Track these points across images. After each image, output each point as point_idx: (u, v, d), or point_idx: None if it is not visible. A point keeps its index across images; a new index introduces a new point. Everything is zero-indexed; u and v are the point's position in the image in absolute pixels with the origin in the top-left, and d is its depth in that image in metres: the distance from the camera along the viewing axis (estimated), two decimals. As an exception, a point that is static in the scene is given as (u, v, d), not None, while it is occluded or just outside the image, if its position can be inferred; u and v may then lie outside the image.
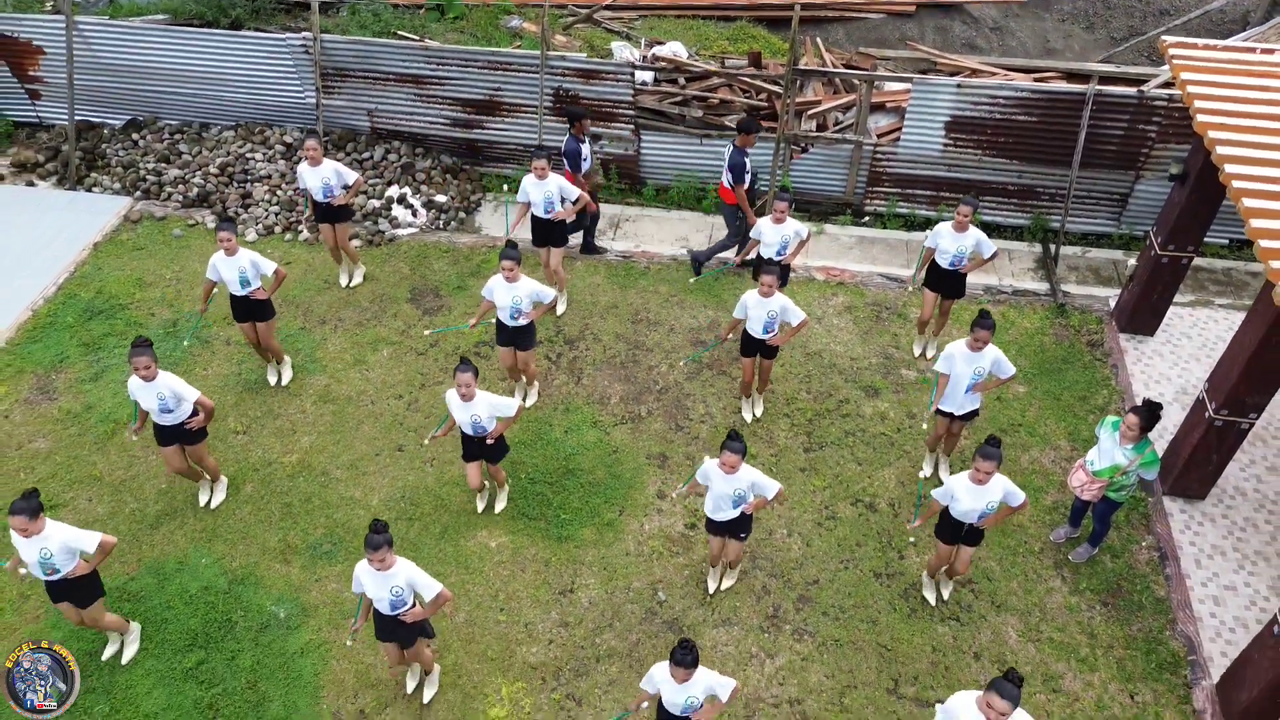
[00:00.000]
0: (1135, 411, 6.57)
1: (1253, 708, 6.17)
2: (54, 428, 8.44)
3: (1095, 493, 6.87)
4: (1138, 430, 6.56)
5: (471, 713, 6.61)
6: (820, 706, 6.65)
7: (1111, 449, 6.73)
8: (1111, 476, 6.74)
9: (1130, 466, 6.67)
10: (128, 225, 10.64)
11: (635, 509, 7.87)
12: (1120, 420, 6.75)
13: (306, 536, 7.65)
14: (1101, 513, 7.11)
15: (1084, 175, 10.08)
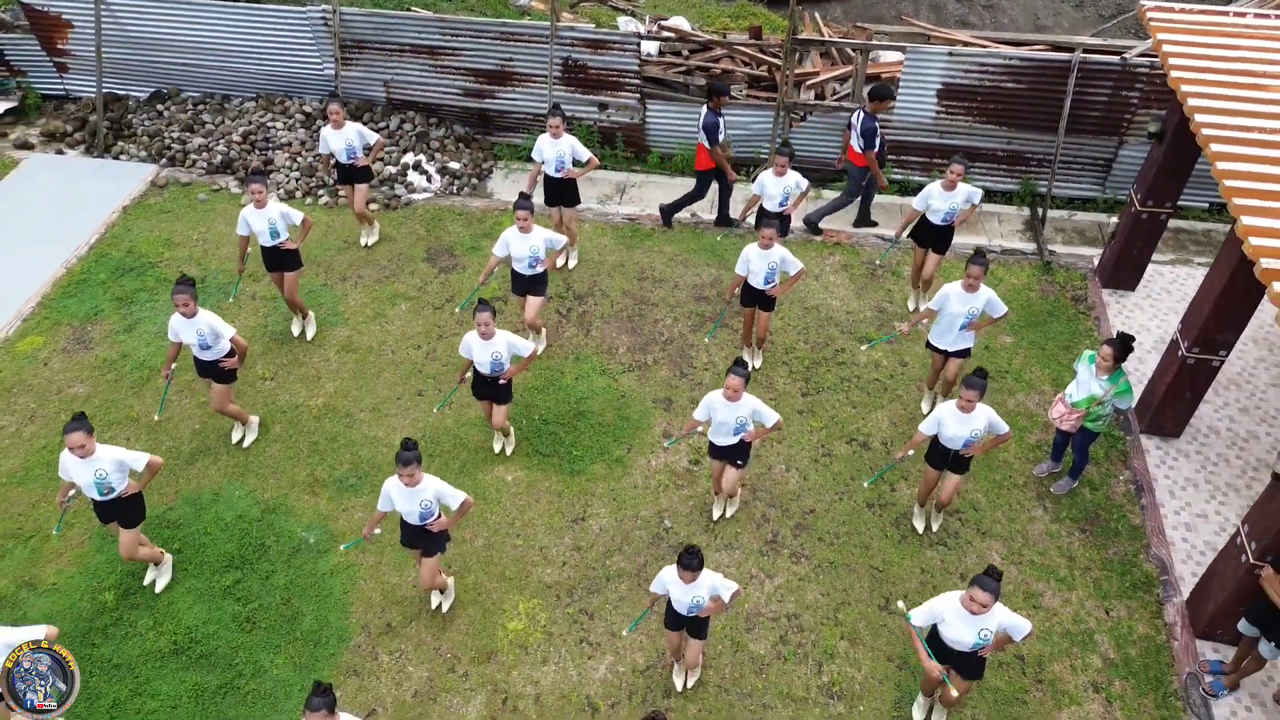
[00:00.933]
0: (1110, 343, 7.04)
1: (1217, 615, 6.66)
2: (91, 374, 8.91)
3: (1074, 423, 7.34)
4: (1112, 361, 7.03)
5: (491, 626, 7.09)
6: (816, 621, 7.13)
7: (1088, 380, 7.20)
8: (1089, 407, 7.21)
9: (1106, 396, 7.14)
10: (154, 190, 11.11)
11: (642, 447, 8.35)
12: (1096, 354, 7.22)
13: (333, 471, 8.12)
14: (1080, 443, 7.58)
15: (1070, 141, 10.55)
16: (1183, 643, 6.93)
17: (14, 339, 9.24)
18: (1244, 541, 6.34)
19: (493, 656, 6.90)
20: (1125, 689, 6.76)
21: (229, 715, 6.58)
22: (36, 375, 8.89)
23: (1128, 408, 7.36)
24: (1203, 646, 6.86)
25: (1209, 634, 6.82)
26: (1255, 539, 6.22)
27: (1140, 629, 7.10)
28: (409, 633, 7.05)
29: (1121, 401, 7.24)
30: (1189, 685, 6.72)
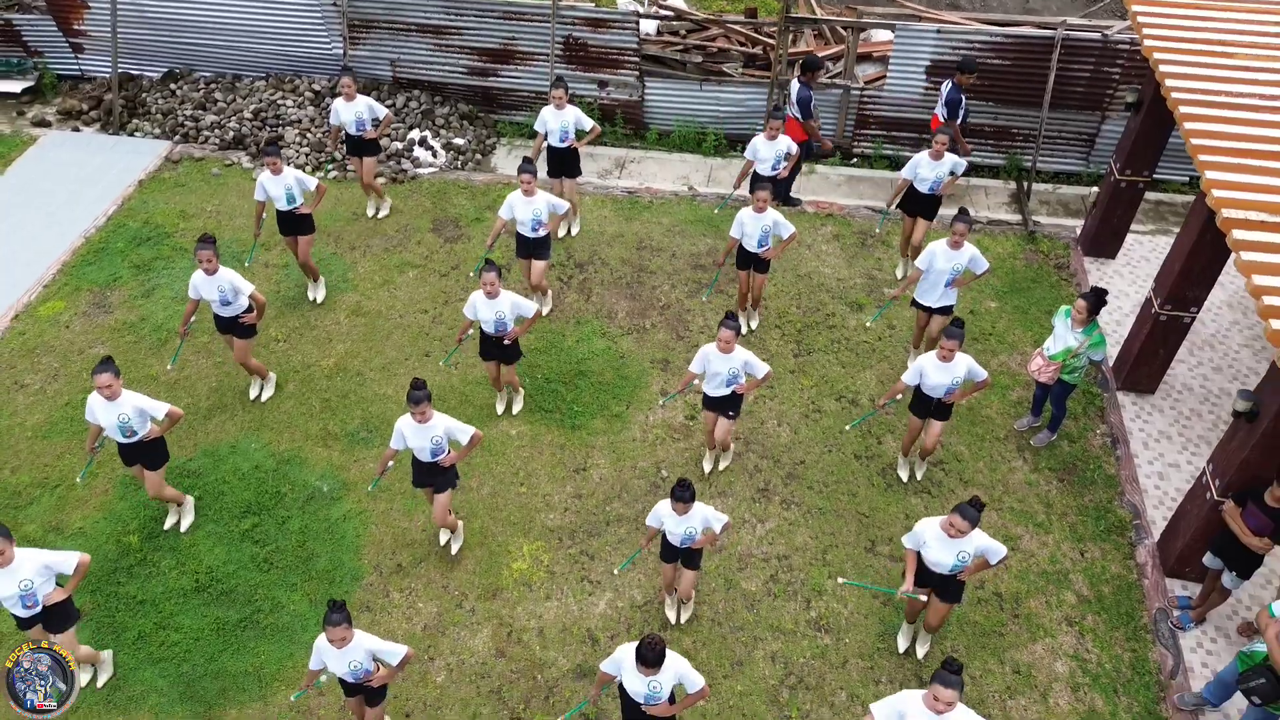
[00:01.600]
0: (1084, 297, 7.41)
1: (1185, 553, 7.03)
2: (111, 336, 9.28)
3: (1051, 374, 7.71)
4: (1086, 314, 7.40)
5: (497, 566, 7.46)
6: (805, 561, 7.51)
7: (1064, 333, 7.57)
8: (1065, 359, 7.58)
9: (1080, 348, 7.51)
10: (169, 165, 11.48)
11: (640, 404, 8.72)
12: (1071, 309, 7.59)
13: (345, 425, 8.50)
14: (1058, 395, 7.94)
15: (1054, 116, 10.91)
16: (1153, 581, 7.30)
17: (36, 304, 9.61)
18: (1209, 480, 6.71)
19: (498, 593, 7.28)
20: (1098, 623, 7.14)
21: (249, 646, 6.95)
22: (59, 337, 9.26)
23: (1100, 359, 7.72)
24: (1172, 584, 7.23)
25: (1177, 572, 7.19)
26: (1219, 477, 6.58)
27: (1113, 569, 7.48)
28: (419, 572, 7.42)
29: (1095, 353, 7.60)
30: (1158, 619, 7.09)
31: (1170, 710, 6.62)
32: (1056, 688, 6.76)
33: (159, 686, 6.72)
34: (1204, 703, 6.45)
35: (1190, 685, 6.64)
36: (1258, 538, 6.18)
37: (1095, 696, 6.71)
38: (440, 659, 6.89)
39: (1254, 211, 6.20)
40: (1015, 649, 6.96)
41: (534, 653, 6.92)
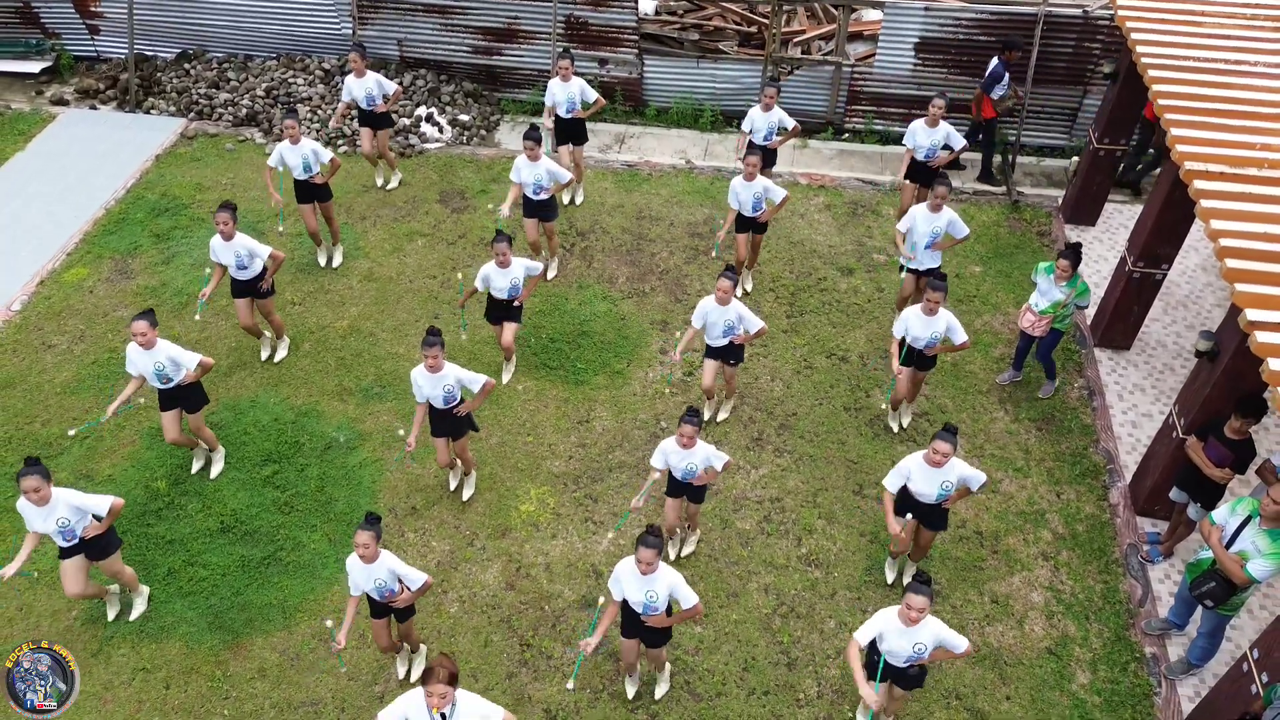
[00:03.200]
0: (1063, 255, 7.82)
1: (1153, 491, 7.47)
2: (134, 300, 9.70)
3: (1043, 328, 8.12)
4: (1069, 271, 7.81)
5: (506, 509, 7.89)
6: (796, 504, 7.94)
7: (1049, 289, 7.98)
8: (1054, 312, 8.00)
9: (1068, 299, 7.93)
10: (184, 141, 11.88)
11: (641, 362, 9.14)
12: (1053, 265, 8.00)
13: (359, 381, 8.92)
14: (1047, 345, 8.35)
15: (1037, 91, 11.34)
16: (1124, 519, 7.74)
17: (60, 270, 10.03)
18: (1175, 420, 7.15)
19: (507, 533, 7.71)
20: (1071, 558, 7.58)
21: (273, 581, 7.38)
22: (83, 301, 9.68)
23: (1086, 306, 8.14)
24: (1142, 522, 7.67)
25: (1148, 510, 7.63)
26: (1184, 416, 7.02)
27: (1087, 509, 7.92)
28: (432, 514, 7.85)
29: (1081, 301, 8.03)
30: (1129, 554, 7.53)
31: (1138, 635, 7.06)
32: (1032, 615, 7.20)
33: (188, 617, 7.15)
34: (1170, 626, 6.89)
35: (1157, 612, 7.08)
36: (1219, 469, 6.61)
37: (1068, 623, 7.15)
38: (453, 592, 7.32)
39: (1214, 164, 6.62)
40: (994, 581, 7.40)
41: (541, 586, 7.35)
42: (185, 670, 6.84)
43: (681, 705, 6.67)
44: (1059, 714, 6.63)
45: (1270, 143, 6.81)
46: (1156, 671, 6.81)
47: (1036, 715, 6.62)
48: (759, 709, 6.65)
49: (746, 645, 7.00)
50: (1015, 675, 6.84)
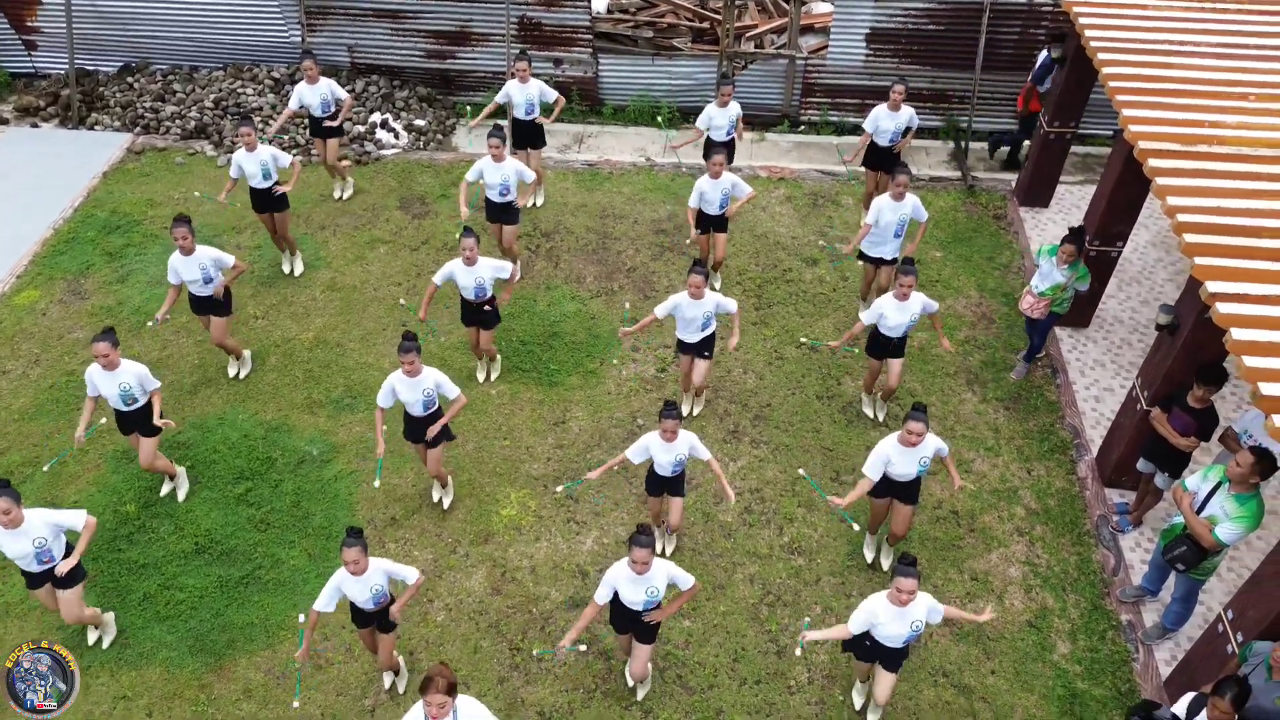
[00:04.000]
0: (1067, 239, 7.92)
1: (1120, 463, 7.67)
2: (89, 321, 9.46)
3: (1042, 310, 8.25)
4: (1074, 254, 7.95)
5: (486, 514, 7.85)
6: (775, 493, 8.02)
7: (1050, 271, 8.11)
8: (1054, 294, 8.14)
9: (1069, 283, 8.07)
10: (132, 156, 11.61)
11: (612, 362, 9.15)
12: (1055, 248, 8.11)
13: (329, 393, 8.80)
14: (1044, 327, 8.51)
15: (986, 78, 11.56)
16: (1093, 491, 7.94)
17: (10, 294, 9.74)
18: (1138, 393, 7.35)
19: (490, 538, 7.67)
20: (1045, 532, 7.76)
21: (253, 600, 7.26)
22: (37, 324, 9.41)
23: (1085, 289, 8.26)
24: (1110, 493, 7.87)
25: (1115, 481, 7.84)
26: (1147, 388, 7.22)
27: (1057, 484, 8.11)
28: (412, 523, 7.78)
29: (1081, 284, 8.16)
30: (1099, 525, 7.73)
31: (1114, 603, 7.25)
32: (1011, 590, 7.36)
33: (168, 642, 7.00)
34: (1144, 592, 7.09)
35: (1131, 581, 7.27)
36: (1184, 438, 6.81)
37: (1046, 595, 7.32)
38: (439, 600, 7.27)
39: (1166, 143, 6.83)
40: (973, 559, 7.55)
41: (528, 589, 7.33)
42: (167, 696, 6.70)
43: (675, 699, 6.70)
44: (1042, 685, 6.79)
45: (1218, 120, 7.04)
46: (1133, 638, 7.00)
47: (1021, 687, 6.77)
48: (752, 698, 6.71)
49: (735, 636, 7.06)
50: (998, 649, 6.99)
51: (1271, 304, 5.62)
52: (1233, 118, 7.08)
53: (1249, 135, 6.92)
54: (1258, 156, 6.72)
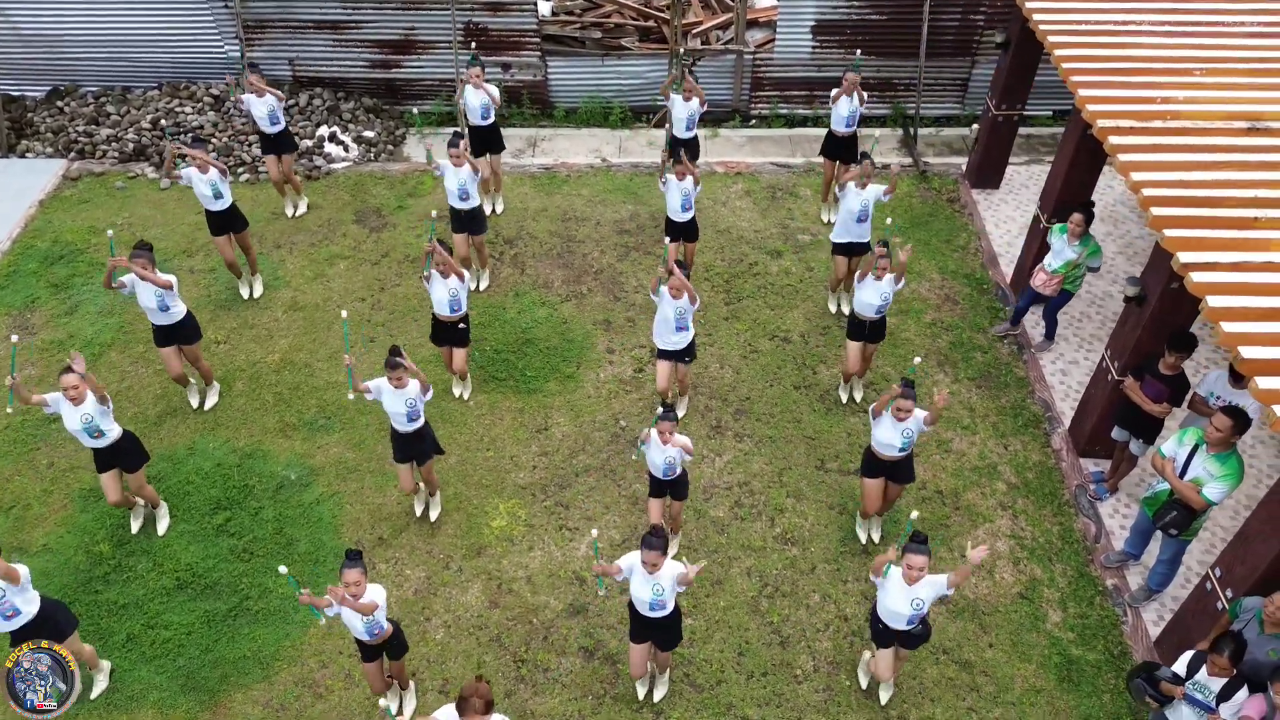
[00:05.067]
0: (1079, 211, 8.05)
1: (1093, 433, 7.91)
2: (40, 356, 9.07)
3: (1054, 287, 8.37)
4: (1083, 227, 8.09)
5: (477, 527, 7.75)
6: (763, 485, 8.07)
7: (1062, 248, 8.24)
8: (1066, 271, 8.28)
9: (1080, 259, 8.21)
10: (68, 183, 11.17)
11: (590, 363, 9.11)
12: (1065, 227, 8.26)
13: (301, 416, 8.59)
14: (1055, 304, 8.67)
15: (930, 65, 11.80)
16: (1069, 462, 8.17)
17: (-49, 334, 9.29)
18: (1109, 364, 7.58)
19: (482, 551, 7.58)
20: (1027, 505, 7.95)
21: (243, 632, 7.05)
22: (-18, 364, 8.99)
23: (1097, 266, 8.40)
24: (1085, 463, 8.11)
25: (1089, 451, 8.07)
26: (1117, 359, 7.45)
27: (1034, 457, 8.32)
28: (400, 542, 7.64)
29: (1093, 261, 8.29)
30: (1078, 494, 7.95)
31: (1098, 569, 7.47)
32: (1000, 564, 7.53)
33: (158, 683, 6.76)
34: (1127, 557, 7.31)
35: (1113, 546, 7.50)
36: (1157, 404, 7.04)
37: (1034, 567, 7.51)
38: (436, 618, 7.15)
39: (1123, 120, 7.05)
40: (961, 536, 7.70)
41: (526, 599, 7.26)
42: (163, 739, 6.48)
43: (684, 699, 6.71)
44: (1039, 654, 6.96)
45: (1169, 95, 7.29)
46: (1120, 601, 7.22)
47: (1019, 658, 6.94)
48: (759, 690, 6.75)
49: (738, 630, 7.09)
50: (994, 623, 7.15)
51: (1242, 270, 5.85)
52: (1182, 93, 7.34)
53: (1200, 109, 7.19)
54: (1210, 129, 6.98)
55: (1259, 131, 6.95)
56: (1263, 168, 6.63)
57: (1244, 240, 6.06)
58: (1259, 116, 7.10)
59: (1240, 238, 6.07)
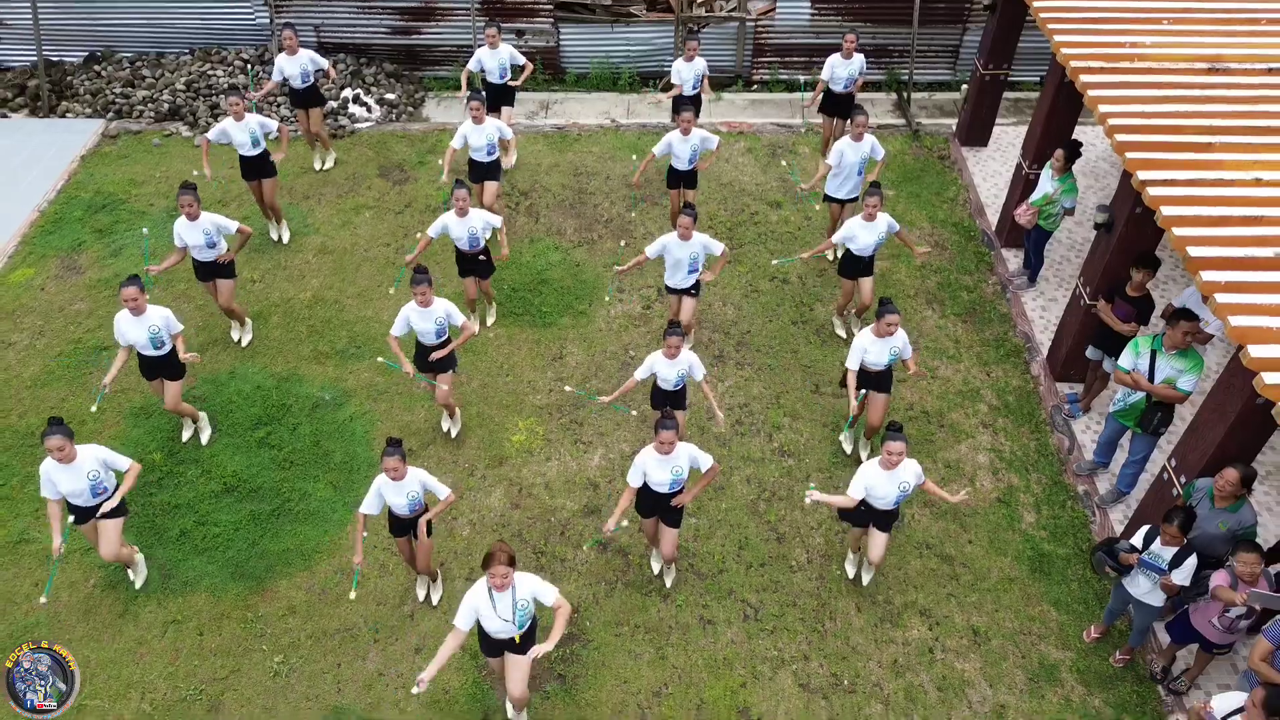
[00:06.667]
0: (1062, 147, 8.65)
1: (1068, 358, 8.54)
2: (88, 293, 9.73)
3: (1030, 218, 8.96)
4: (1063, 162, 8.67)
5: (498, 441, 8.40)
6: (762, 407, 8.72)
7: (1045, 183, 8.87)
8: (1043, 204, 8.88)
9: (1056, 194, 8.77)
10: (108, 140, 11.84)
11: (601, 302, 9.75)
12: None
13: (333, 345, 9.24)
14: (1036, 241, 9.29)
15: (923, 31, 12.44)
16: (1046, 387, 8.80)
17: (4, 273, 9.96)
18: (1081, 291, 8.22)
19: (504, 461, 8.22)
20: (1007, 424, 8.59)
21: (286, 530, 7.70)
22: (35, 299, 9.66)
23: (1072, 206, 8.95)
24: (1061, 387, 8.74)
25: (1064, 376, 8.71)
26: (1089, 284, 8.09)
27: (1014, 382, 8.96)
28: (428, 454, 8.29)
29: (1068, 200, 8.87)
30: (1054, 414, 8.59)
31: (1071, 478, 8.10)
32: (980, 474, 8.17)
33: (209, 571, 7.41)
34: (1097, 465, 7.95)
35: (1084, 457, 8.14)
36: (1125, 324, 7.67)
37: (1011, 476, 8.15)
38: (462, 518, 7.80)
39: (1095, 61, 7.69)
40: (945, 450, 8.34)
41: (544, 502, 7.91)
42: (216, 617, 7.12)
43: (689, 585, 7.35)
44: (1014, 549, 7.60)
45: (1138, 41, 7.93)
46: (1090, 504, 7.86)
47: (996, 552, 7.58)
48: (758, 579, 7.39)
49: (739, 529, 7.73)
50: (974, 523, 7.79)
51: (1194, 186, 6.48)
52: (1150, 39, 7.98)
53: (1165, 53, 7.83)
54: (1174, 70, 7.62)
55: (1218, 72, 7.59)
56: (1220, 102, 7.27)
57: (1198, 162, 6.70)
58: (1219, 59, 7.74)
59: (1195, 159, 6.71)
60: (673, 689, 6.75)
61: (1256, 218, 6.25)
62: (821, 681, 6.80)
